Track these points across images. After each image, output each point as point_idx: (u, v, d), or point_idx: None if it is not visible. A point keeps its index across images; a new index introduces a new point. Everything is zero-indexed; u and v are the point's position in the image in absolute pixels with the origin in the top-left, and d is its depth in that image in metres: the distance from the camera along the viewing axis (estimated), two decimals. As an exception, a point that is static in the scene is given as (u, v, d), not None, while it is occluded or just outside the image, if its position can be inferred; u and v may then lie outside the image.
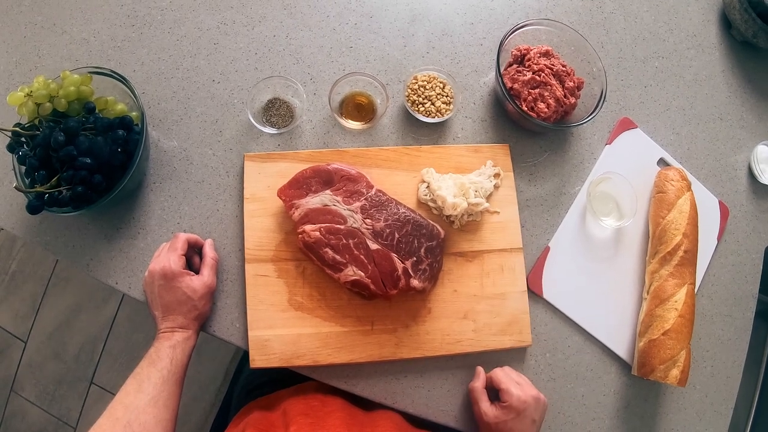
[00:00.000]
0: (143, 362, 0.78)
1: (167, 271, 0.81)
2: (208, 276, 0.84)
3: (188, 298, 0.81)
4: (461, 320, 0.88)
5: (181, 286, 0.81)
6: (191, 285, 0.82)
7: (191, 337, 0.82)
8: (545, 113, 0.93)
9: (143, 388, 0.74)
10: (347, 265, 0.83)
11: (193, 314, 0.82)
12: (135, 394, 0.74)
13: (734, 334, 1.02)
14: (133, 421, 0.71)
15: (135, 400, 0.73)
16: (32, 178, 0.81)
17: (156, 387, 0.75)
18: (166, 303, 0.81)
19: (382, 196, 0.87)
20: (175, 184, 0.92)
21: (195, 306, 0.82)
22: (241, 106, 0.95)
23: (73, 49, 0.97)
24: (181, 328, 0.81)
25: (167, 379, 0.76)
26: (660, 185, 0.98)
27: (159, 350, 0.78)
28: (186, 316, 0.81)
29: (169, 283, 0.81)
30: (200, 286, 0.82)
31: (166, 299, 0.81)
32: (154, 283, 0.82)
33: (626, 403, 0.94)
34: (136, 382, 0.75)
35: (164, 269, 0.81)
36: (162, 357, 0.77)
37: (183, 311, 0.81)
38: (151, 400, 0.73)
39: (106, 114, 0.86)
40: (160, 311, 0.82)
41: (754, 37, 1.11)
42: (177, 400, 0.78)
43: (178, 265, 0.82)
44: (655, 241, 0.96)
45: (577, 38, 0.98)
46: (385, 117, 0.97)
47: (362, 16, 1.03)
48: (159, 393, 0.75)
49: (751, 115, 1.13)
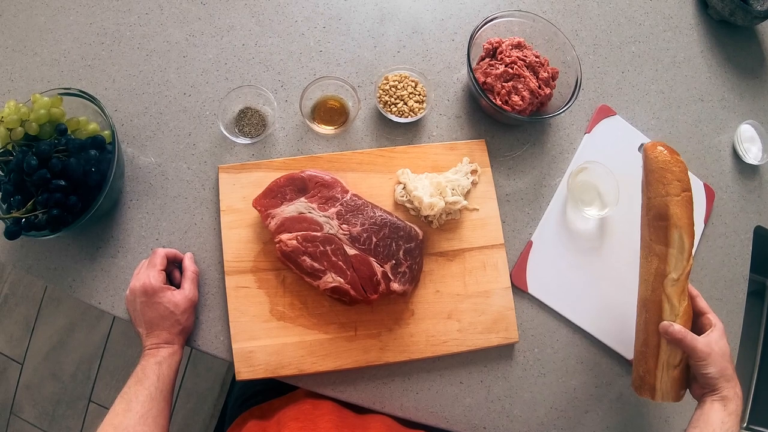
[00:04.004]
0: (130, 381, 0.77)
1: (148, 288, 0.80)
2: (189, 290, 0.84)
3: (171, 313, 0.81)
4: (446, 321, 0.88)
5: (163, 301, 0.80)
6: (173, 300, 0.81)
7: (176, 351, 0.81)
8: (520, 106, 0.92)
9: (131, 407, 0.74)
10: (326, 272, 0.82)
11: (177, 329, 0.81)
12: (124, 414, 0.73)
13: (727, 317, 1.01)
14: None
15: (124, 420, 0.72)
16: (8, 203, 0.80)
17: (144, 405, 0.74)
18: (149, 319, 0.81)
19: (357, 200, 0.86)
20: (151, 200, 0.91)
21: (178, 320, 0.81)
22: (213, 117, 0.95)
23: (44, 70, 0.97)
24: (166, 343, 0.80)
25: (155, 396, 0.75)
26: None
27: (145, 368, 0.77)
28: (170, 331, 0.81)
29: (151, 300, 0.81)
30: (182, 300, 0.82)
31: (148, 316, 0.81)
32: (136, 301, 0.82)
33: (619, 394, 0.93)
34: (125, 402, 0.74)
35: (144, 286, 0.81)
36: (148, 374, 0.76)
37: (166, 326, 0.81)
38: (140, 419, 0.73)
39: (79, 134, 0.85)
40: (144, 328, 0.81)
41: (731, 15, 1.09)
42: (167, 416, 0.77)
43: (158, 281, 0.81)
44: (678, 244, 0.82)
45: (550, 28, 0.97)
46: (358, 120, 0.97)
47: (330, 19, 1.02)
48: (148, 411, 0.74)
49: (733, 94, 1.12)
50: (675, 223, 0.80)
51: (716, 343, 0.76)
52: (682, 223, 0.81)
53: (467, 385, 0.89)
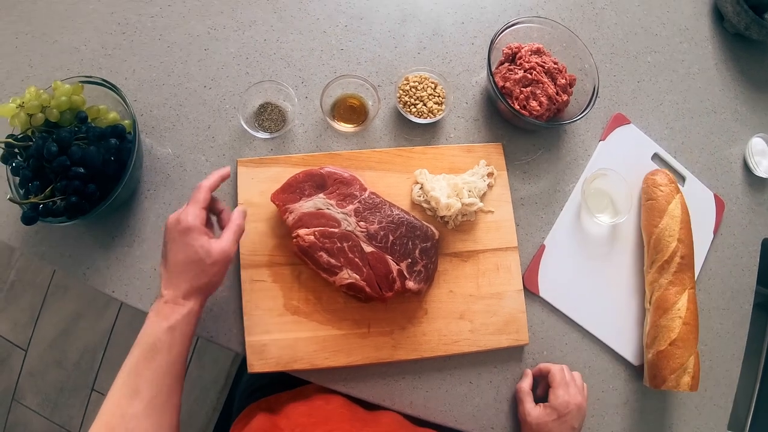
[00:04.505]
0: (136, 351, 0.67)
1: (182, 224, 0.71)
2: (227, 241, 0.74)
3: (199, 260, 0.71)
4: (458, 320, 0.88)
5: (195, 244, 0.71)
6: (206, 246, 0.71)
7: (193, 312, 0.71)
8: (537, 111, 0.93)
9: (139, 388, 0.65)
10: (342, 268, 0.83)
11: (201, 281, 0.71)
12: (129, 399, 0.65)
13: (732, 327, 1.02)
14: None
15: (131, 406, 0.64)
16: (26, 189, 0.80)
17: (153, 386, 0.66)
18: (175, 261, 0.71)
19: (375, 198, 0.87)
20: (169, 191, 0.92)
21: (204, 271, 0.71)
22: (233, 111, 0.95)
23: (64, 58, 0.97)
24: (183, 297, 0.70)
25: (166, 373, 0.67)
26: (649, 192, 0.98)
27: (154, 333, 0.68)
28: (192, 283, 0.71)
29: (182, 238, 0.71)
30: (217, 249, 0.72)
31: (175, 256, 0.71)
32: (168, 236, 0.73)
33: (625, 399, 0.94)
34: (131, 382, 0.66)
35: (180, 221, 0.72)
36: (159, 346, 0.67)
37: (190, 274, 0.71)
38: (149, 403, 0.65)
39: (99, 123, 0.85)
40: (166, 270, 0.72)
41: (747, 29, 1.10)
42: (178, 396, 0.70)
43: (197, 219, 0.72)
44: (651, 250, 0.95)
45: (569, 35, 0.98)
46: (378, 119, 0.97)
47: (352, 18, 1.03)
48: (158, 393, 0.66)
49: (745, 107, 1.13)
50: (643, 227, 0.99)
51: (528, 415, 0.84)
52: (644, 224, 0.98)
53: (477, 385, 0.89)
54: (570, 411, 0.81)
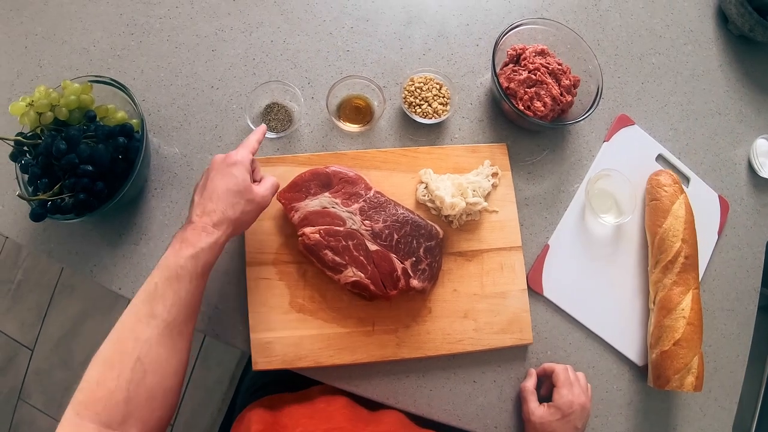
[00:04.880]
0: (157, 276, 0.67)
1: (231, 158, 0.74)
2: (265, 188, 0.77)
3: (238, 191, 0.73)
4: (462, 319, 0.89)
5: (237, 175, 0.73)
6: (247, 183, 0.74)
7: (218, 242, 0.71)
8: (542, 112, 0.94)
9: (157, 313, 0.65)
10: (347, 266, 0.84)
11: (234, 213, 0.72)
12: (147, 322, 0.64)
13: (737, 328, 1.02)
14: (143, 356, 0.63)
15: (147, 330, 0.64)
16: (35, 186, 0.82)
17: (171, 313, 0.65)
18: (215, 187, 0.73)
19: (380, 197, 0.87)
20: (176, 190, 0.93)
21: (239, 204, 0.73)
22: (240, 111, 0.96)
23: (73, 58, 0.98)
24: (213, 225, 0.70)
25: (184, 301, 0.67)
26: (653, 192, 0.98)
27: (177, 261, 0.67)
28: (226, 211, 0.71)
29: (228, 169, 0.74)
30: (256, 191, 0.75)
31: (217, 184, 0.73)
32: (212, 167, 0.75)
33: (629, 399, 0.94)
34: (149, 305, 0.65)
35: (229, 156, 0.75)
36: (181, 273, 0.67)
37: (227, 203, 0.72)
38: (165, 329, 0.65)
39: (107, 122, 0.87)
40: (202, 197, 0.73)
41: (751, 30, 1.11)
42: (193, 324, 0.70)
43: (244, 158, 0.75)
44: (655, 251, 0.95)
45: (573, 36, 0.98)
46: (383, 119, 0.98)
47: (358, 20, 1.04)
48: (174, 320, 0.66)
49: (750, 108, 1.13)
50: (647, 228, 0.99)
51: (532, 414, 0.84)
52: (648, 224, 0.99)
53: (480, 385, 0.90)
54: (574, 411, 0.81)
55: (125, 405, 0.60)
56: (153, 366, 0.63)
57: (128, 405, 0.61)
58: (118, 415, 0.60)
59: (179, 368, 0.67)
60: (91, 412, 0.59)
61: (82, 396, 0.60)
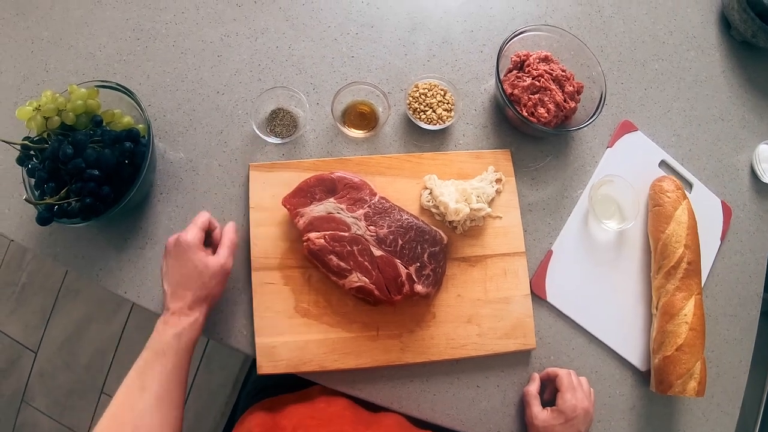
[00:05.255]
0: (145, 354, 0.73)
1: (182, 243, 0.78)
2: (223, 256, 0.80)
3: (199, 274, 0.77)
4: (465, 324, 0.89)
5: (193, 259, 0.77)
6: (204, 260, 0.78)
7: (198, 321, 0.77)
8: (545, 118, 0.94)
9: (147, 385, 0.71)
10: (352, 271, 0.84)
11: (203, 293, 0.77)
12: (139, 394, 0.70)
13: (740, 333, 1.02)
14: (139, 426, 0.68)
15: (140, 402, 0.70)
16: (42, 190, 0.82)
17: (161, 384, 0.71)
18: (176, 277, 0.78)
19: (385, 203, 0.88)
20: (181, 195, 0.93)
21: (205, 284, 0.77)
22: (246, 116, 0.97)
23: (79, 63, 0.99)
24: (188, 308, 0.76)
25: (172, 374, 0.73)
26: (655, 198, 0.99)
27: (163, 339, 0.74)
28: (195, 294, 0.77)
29: (182, 256, 0.78)
30: (214, 263, 0.79)
31: (176, 272, 0.78)
32: (168, 255, 0.79)
33: (632, 404, 0.94)
34: (140, 380, 0.71)
35: (178, 240, 0.78)
36: (166, 349, 0.73)
37: (192, 288, 0.77)
38: (156, 400, 0.70)
39: (113, 127, 0.87)
40: (169, 285, 0.78)
41: (754, 36, 1.11)
42: (183, 394, 0.75)
43: (195, 238, 0.79)
44: (658, 256, 0.96)
45: (576, 43, 0.99)
46: (387, 125, 0.98)
47: (363, 26, 1.05)
48: (165, 390, 0.71)
49: (753, 114, 1.13)
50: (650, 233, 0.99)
51: (535, 418, 0.84)
52: (651, 229, 0.99)
53: (484, 389, 0.90)
54: (577, 415, 0.82)
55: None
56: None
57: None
58: None
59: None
60: None
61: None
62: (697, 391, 0.88)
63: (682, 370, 0.88)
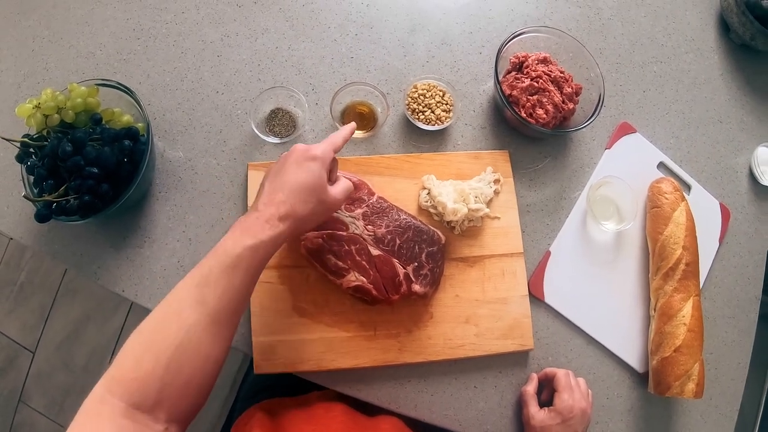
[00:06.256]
0: (212, 262, 0.64)
1: (312, 152, 0.71)
2: (339, 192, 0.75)
3: (312, 188, 0.70)
4: (463, 325, 0.89)
5: (315, 171, 0.70)
6: (324, 180, 0.71)
7: (281, 236, 0.68)
8: (544, 119, 0.95)
9: (207, 300, 0.63)
10: (349, 270, 0.84)
11: (304, 209, 0.69)
12: (194, 307, 0.62)
13: (738, 336, 1.02)
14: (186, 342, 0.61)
15: (193, 315, 0.62)
16: (40, 187, 0.82)
17: (223, 302, 0.63)
18: (287, 178, 0.70)
19: (383, 202, 0.88)
20: (180, 194, 0.93)
21: (311, 202, 0.70)
22: (245, 116, 0.97)
23: (79, 62, 0.99)
24: (279, 219, 0.68)
25: (238, 292, 0.65)
26: (654, 200, 0.99)
27: (235, 250, 0.64)
28: (296, 207, 0.69)
29: (308, 164, 0.71)
30: (330, 193, 0.72)
31: (292, 176, 0.70)
32: (289, 156, 0.72)
33: (630, 406, 0.94)
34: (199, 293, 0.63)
35: (310, 149, 0.72)
36: (237, 263, 0.64)
37: (299, 198, 0.69)
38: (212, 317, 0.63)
39: (113, 125, 0.87)
40: (271, 184, 0.70)
41: (752, 39, 1.12)
42: (241, 315, 0.68)
43: (326, 155, 0.72)
44: (656, 258, 0.96)
45: (575, 44, 0.99)
46: (386, 125, 0.99)
47: (363, 27, 1.05)
48: (224, 310, 0.64)
49: (751, 117, 1.14)
50: (648, 235, 0.99)
51: (532, 418, 0.84)
52: (649, 231, 0.99)
53: (481, 390, 0.90)
54: (574, 415, 0.82)
55: (159, 390, 0.58)
56: (194, 354, 0.61)
57: (162, 390, 0.58)
58: (150, 399, 0.58)
59: (219, 358, 0.65)
60: (122, 390, 0.57)
61: (117, 372, 0.58)
62: (695, 393, 0.88)
63: (680, 371, 0.88)
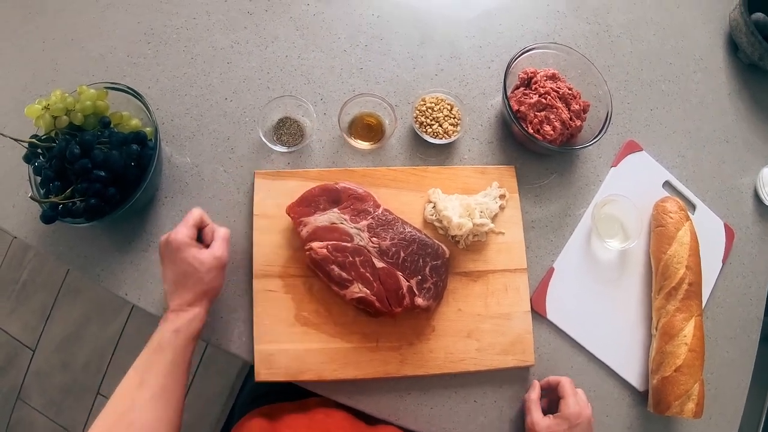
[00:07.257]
0: (145, 352, 0.73)
1: (172, 242, 0.78)
2: (218, 248, 0.80)
3: (194, 270, 0.77)
4: (465, 339, 0.89)
5: (187, 257, 0.77)
6: (198, 257, 0.77)
7: (198, 316, 0.77)
8: (551, 135, 0.95)
9: (146, 381, 0.71)
10: (353, 282, 0.84)
11: (200, 288, 0.77)
12: (137, 389, 0.70)
13: (739, 356, 1.02)
14: (135, 420, 0.68)
15: (138, 397, 0.69)
16: (47, 188, 0.82)
17: (160, 380, 0.71)
18: (173, 276, 0.78)
19: (388, 215, 0.88)
20: (186, 199, 0.94)
21: (201, 279, 0.77)
22: (253, 124, 0.97)
23: (89, 64, 1.00)
24: (188, 305, 0.76)
25: (171, 369, 0.72)
26: (658, 218, 0.99)
27: (162, 337, 0.74)
28: (192, 291, 0.77)
29: (175, 255, 0.77)
30: (208, 257, 0.78)
31: (172, 272, 0.78)
32: (162, 255, 0.80)
33: (629, 424, 0.94)
34: (139, 376, 0.71)
35: (169, 239, 0.78)
36: (164, 346, 0.73)
37: (189, 285, 0.77)
38: (154, 395, 0.70)
39: (121, 129, 0.87)
40: (168, 285, 0.78)
41: (761, 59, 1.12)
42: (182, 391, 0.75)
43: (185, 236, 0.78)
44: (659, 277, 0.96)
45: (584, 62, 0.99)
46: (394, 137, 0.99)
47: (373, 38, 1.05)
48: (163, 386, 0.71)
49: (758, 137, 1.14)
50: (651, 254, 0.99)
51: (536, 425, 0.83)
52: (653, 250, 0.99)
53: (481, 404, 0.90)
54: (581, 422, 0.80)
55: None
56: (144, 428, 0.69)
57: None
58: None
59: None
60: None
61: None
62: (694, 413, 0.88)
63: (681, 391, 0.87)
